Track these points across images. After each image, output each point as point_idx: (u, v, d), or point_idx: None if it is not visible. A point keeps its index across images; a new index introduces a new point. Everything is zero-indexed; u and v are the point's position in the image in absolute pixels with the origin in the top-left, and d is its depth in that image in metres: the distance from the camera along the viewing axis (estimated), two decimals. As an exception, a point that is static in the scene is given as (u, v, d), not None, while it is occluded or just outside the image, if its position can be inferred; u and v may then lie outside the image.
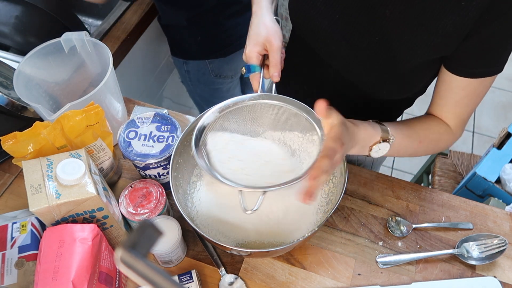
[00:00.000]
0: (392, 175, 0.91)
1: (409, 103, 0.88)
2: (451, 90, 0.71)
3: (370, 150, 0.69)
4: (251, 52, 0.71)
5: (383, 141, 0.68)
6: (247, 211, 0.59)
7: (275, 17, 0.77)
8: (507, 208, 1.14)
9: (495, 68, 0.66)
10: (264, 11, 0.75)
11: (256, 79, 0.72)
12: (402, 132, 0.71)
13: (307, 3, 0.73)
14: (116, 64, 0.97)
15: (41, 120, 0.77)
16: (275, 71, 0.70)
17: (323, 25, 0.73)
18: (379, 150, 0.69)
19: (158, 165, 0.75)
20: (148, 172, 0.77)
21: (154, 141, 0.75)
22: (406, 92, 0.78)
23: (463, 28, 0.61)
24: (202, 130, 0.65)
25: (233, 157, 0.68)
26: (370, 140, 0.68)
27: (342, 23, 0.71)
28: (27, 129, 0.67)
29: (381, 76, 0.74)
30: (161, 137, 0.75)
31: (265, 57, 0.73)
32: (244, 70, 0.73)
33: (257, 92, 0.71)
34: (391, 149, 0.70)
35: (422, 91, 0.82)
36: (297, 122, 0.67)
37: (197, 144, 0.63)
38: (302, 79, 0.90)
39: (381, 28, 0.67)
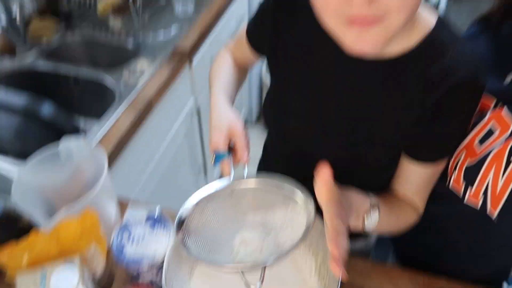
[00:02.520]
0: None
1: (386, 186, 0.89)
2: (410, 176, 0.76)
3: (363, 220, 0.68)
4: (217, 143, 0.74)
5: (372, 207, 0.69)
6: (251, 286, 0.58)
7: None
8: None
9: (447, 153, 0.73)
10: (221, 104, 0.81)
11: (226, 165, 0.73)
12: (383, 204, 0.72)
13: (285, 114, 0.81)
14: (111, 162, 0.99)
15: (37, 227, 0.77)
16: (243, 154, 0.74)
17: (300, 127, 0.80)
18: (371, 220, 0.69)
19: (152, 269, 0.74)
20: (141, 276, 0.76)
21: (146, 244, 0.75)
22: (382, 176, 0.81)
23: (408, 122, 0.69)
24: (181, 223, 0.65)
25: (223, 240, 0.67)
26: (363, 205, 0.68)
27: (322, 133, 0.78)
28: (23, 240, 0.68)
29: (357, 159, 0.78)
30: (154, 239, 0.75)
31: (230, 145, 0.75)
32: (213, 161, 0.75)
33: (229, 176, 0.72)
34: (378, 222, 0.70)
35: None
36: (275, 198, 0.67)
37: (180, 232, 0.64)
38: (279, 159, 0.94)
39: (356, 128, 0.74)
